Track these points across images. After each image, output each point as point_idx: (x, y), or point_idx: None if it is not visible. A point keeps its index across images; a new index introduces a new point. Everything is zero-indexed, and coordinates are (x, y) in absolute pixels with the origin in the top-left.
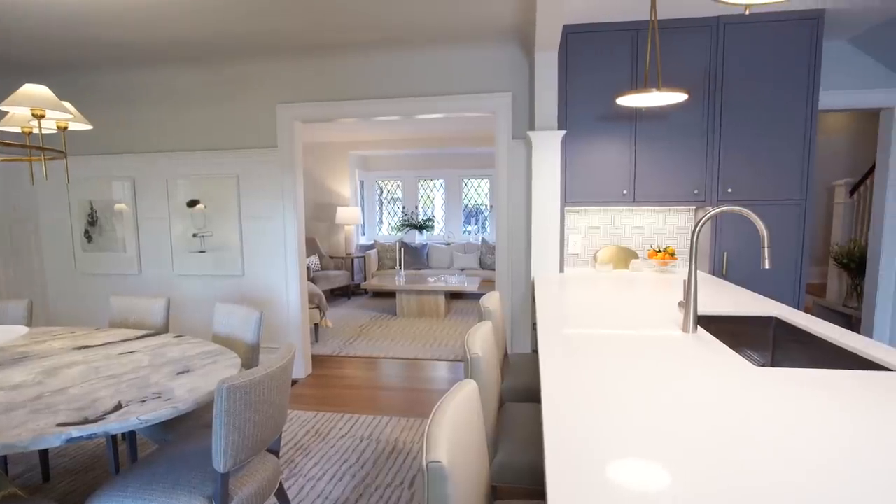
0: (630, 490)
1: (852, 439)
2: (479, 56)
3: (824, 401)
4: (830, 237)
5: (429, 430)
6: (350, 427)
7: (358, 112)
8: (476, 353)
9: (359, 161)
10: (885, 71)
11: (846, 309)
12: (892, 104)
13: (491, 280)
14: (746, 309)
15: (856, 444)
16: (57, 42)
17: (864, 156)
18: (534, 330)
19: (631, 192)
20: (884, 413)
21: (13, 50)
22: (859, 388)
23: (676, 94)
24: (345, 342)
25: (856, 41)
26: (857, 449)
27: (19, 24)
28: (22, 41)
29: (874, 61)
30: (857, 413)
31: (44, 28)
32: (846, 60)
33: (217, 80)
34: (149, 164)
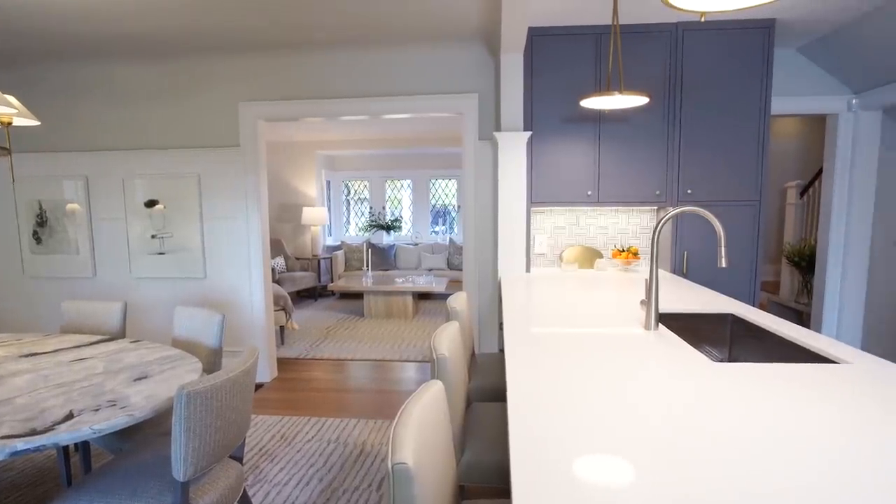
0: (594, 485)
1: (801, 428)
2: (445, 56)
3: (776, 393)
4: (783, 236)
5: (394, 432)
6: (317, 430)
7: (324, 111)
8: (442, 353)
9: (325, 161)
10: (830, 79)
11: (798, 305)
12: (837, 111)
13: (459, 280)
14: (705, 306)
15: (805, 433)
16: (0, 32)
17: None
18: (501, 330)
19: (595, 193)
20: (830, 403)
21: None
22: (808, 380)
23: (638, 98)
24: (311, 344)
25: (803, 50)
26: (806, 437)
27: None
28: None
29: (820, 70)
30: (806, 404)
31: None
32: (795, 68)
33: (177, 77)
34: (103, 162)
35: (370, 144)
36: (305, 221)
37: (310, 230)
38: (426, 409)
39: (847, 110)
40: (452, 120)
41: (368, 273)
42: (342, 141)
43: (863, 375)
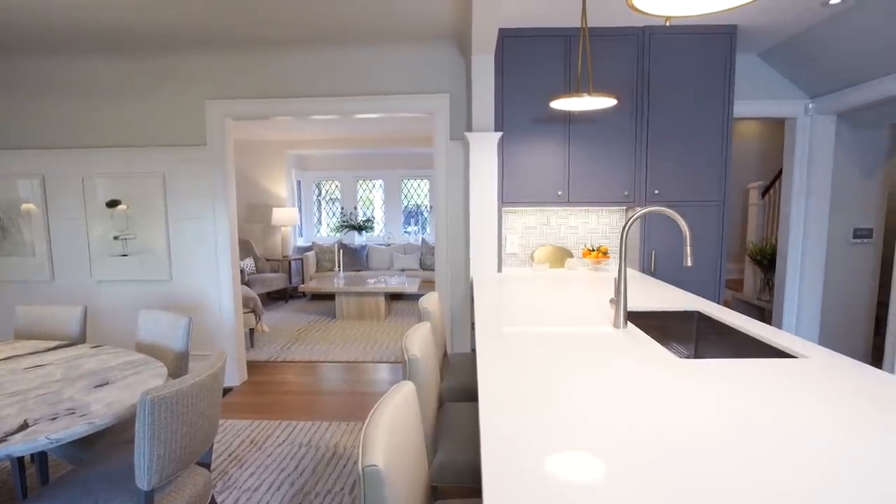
0: (565, 482)
1: (763, 421)
2: (417, 57)
3: (739, 389)
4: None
5: (365, 434)
6: (288, 434)
7: (293, 110)
8: (414, 354)
9: (296, 161)
10: (788, 84)
11: (760, 302)
12: (795, 114)
13: (431, 280)
14: (672, 304)
15: (766, 425)
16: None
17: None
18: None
19: (565, 193)
20: (788, 396)
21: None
22: (768, 374)
23: (606, 100)
24: (282, 347)
25: (764, 56)
26: (768, 429)
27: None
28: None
29: (780, 75)
30: (767, 397)
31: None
32: (757, 73)
33: (140, 73)
34: (62, 160)
35: (341, 144)
36: (276, 222)
37: (280, 231)
38: (397, 411)
39: (804, 114)
40: (424, 120)
41: (340, 274)
42: (313, 140)
43: (818, 369)
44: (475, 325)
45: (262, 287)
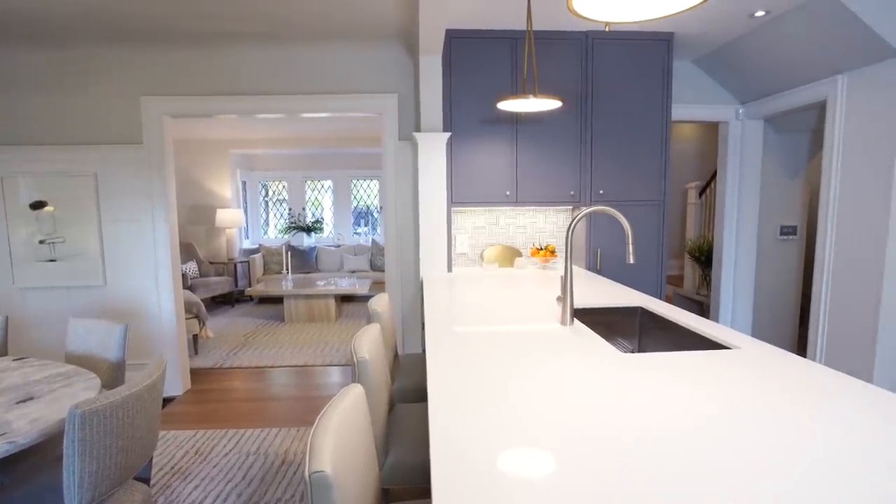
0: (514, 478)
1: (700, 409)
2: (365, 56)
3: (678, 379)
4: (685, 233)
5: (312, 440)
6: (235, 443)
7: (237, 109)
8: (363, 356)
9: (240, 160)
10: (721, 89)
11: (699, 296)
12: (727, 118)
13: (383, 281)
14: (617, 300)
15: (704, 413)
16: None
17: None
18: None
19: (514, 193)
20: (723, 385)
21: None
22: (705, 365)
23: (552, 101)
24: (228, 353)
25: (698, 62)
26: (705, 416)
27: None
28: None
29: (713, 80)
30: (704, 387)
31: None
32: (692, 78)
33: (68, 65)
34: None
35: (289, 144)
36: (220, 224)
37: (225, 233)
38: (346, 414)
39: (735, 119)
40: (373, 120)
41: (289, 276)
42: (259, 140)
43: (750, 359)
44: (425, 325)
45: (207, 291)
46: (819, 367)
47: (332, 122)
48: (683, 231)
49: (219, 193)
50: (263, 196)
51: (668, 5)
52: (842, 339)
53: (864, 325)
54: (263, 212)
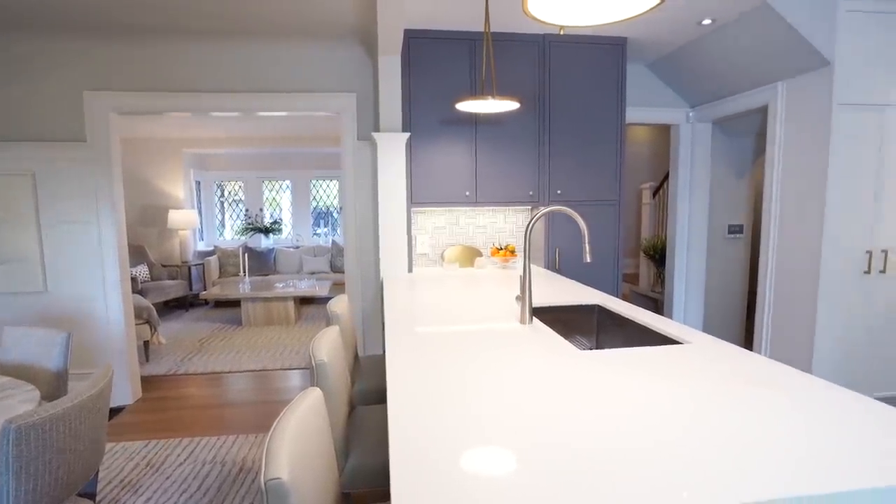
0: (473, 477)
1: (654, 401)
2: (323, 55)
3: (633, 374)
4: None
5: (268, 446)
6: (190, 452)
7: (190, 106)
8: (321, 359)
9: (194, 160)
10: (672, 93)
11: (654, 294)
12: (678, 121)
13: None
14: (575, 299)
15: (657, 405)
16: None
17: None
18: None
19: (473, 194)
20: (675, 379)
21: None
22: (658, 360)
23: (509, 103)
24: (182, 359)
25: (651, 67)
26: (658, 408)
27: None
28: None
29: (665, 84)
30: (656, 381)
31: None
32: (645, 82)
33: (2, 56)
34: None
35: (245, 143)
36: (172, 225)
37: (178, 235)
38: (304, 419)
39: (686, 122)
40: (332, 119)
41: (246, 279)
42: (213, 139)
43: (700, 353)
44: (385, 325)
45: (159, 295)
46: (763, 359)
47: (291, 121)
48: (639, 230)
49: (171, 194)
50: (219, 196)
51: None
52: (784, 332)
53: (803, 319)
54: (219, 213)
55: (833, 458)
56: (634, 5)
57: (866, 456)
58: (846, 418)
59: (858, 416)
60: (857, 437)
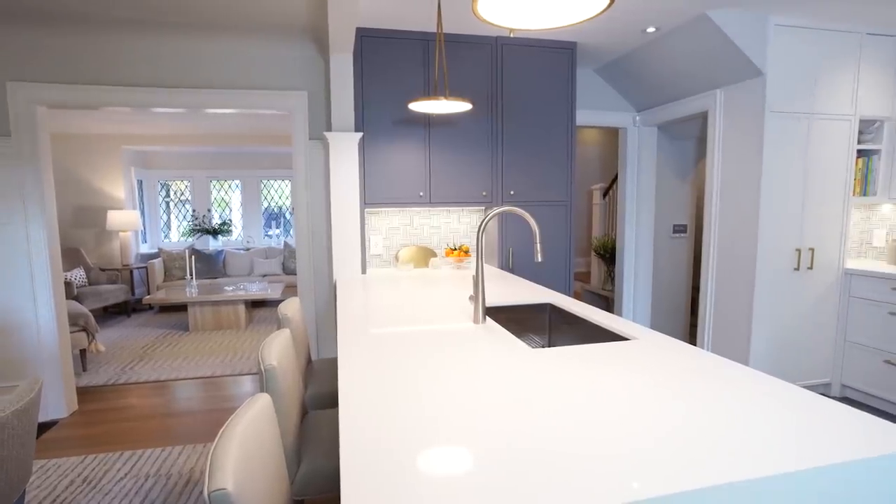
0: (427, 479)
1: (603, 395)
2: (274, 51)
3: (583, 370)
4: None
5: (212, 456)
6: (132, 466)
7: (131, 101)
8: (271, 363)
9: (135, 158)
10: (620, 97)
11: (605, 291)
12: (626, 125)
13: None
14: (527, 298)
15: (606, 398)
16: None
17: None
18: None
19: (427, 194)
20: (622, 374)
21: None
22: (606, 356)
23: (462, 104)
24: (124, 367)
25: (599, 71)
26: (608, 401)
27: None
28: None
29: (613, 89)
30: (604, 376)
31: None
32: (594, 86)
33: None
34: None
35: (192, 141)
36: (112, 227)
37: (118, 237)
38: (251, 426)
39: (633, 125)
40: (283, 118)
41: (193, 282)
42: (156, 136)
43: (647, 348)
44: (337, 327)
45: (98, 301)
46: (704, 353)
47: (240, 119)
48: (590, 230)
49: (110, 193)
50: (164, 196)
51: (565, 16)
52: (725, 326)
53: (741, 314)
54: (164, 213)
55: (762, 444)
56: (580, 11)
57: (790, 441)
58: (774, 406)
59: (785, 403)
60: (782, 424)
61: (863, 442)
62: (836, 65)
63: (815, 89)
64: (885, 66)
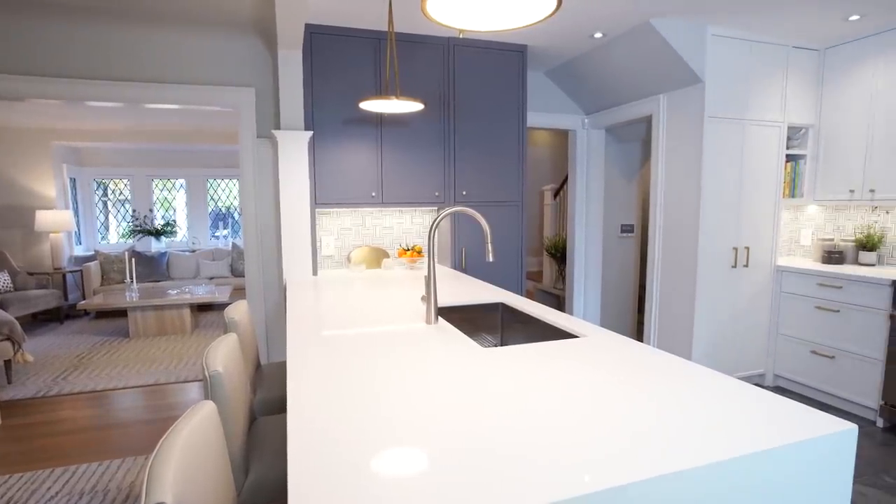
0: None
1: (553, 391)
2: (219, 45)
3: (534, 368)
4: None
5: (150, 468)
6: (64, 483)
7: (62, 93)
8: (216, 369)
9: (67, 154)
10: (569, 100)
11: (556, 290)
12: (575, 127)
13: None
14: (480, 298)
15: (554, 395)
16: None
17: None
18: None
19: (379, 194)
20: (571, 370)
21: None
22: (556, 353)
23: (413, 104)
24: (55, 378)
25: (549, 74)
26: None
27: None
28: None
29: (562, 92)
30: (554, 373)
31: None
32: (545, 88)
33: None
34: None
35: (131, 137)
36: (41, 227)
37: (48, 238)
38: (194, 435)
39: (582, 128)
40: (230, 115)
41: (133, 286)
42: (91, 131)
43: (595, 345)
44: (287, 330)
45: (25, 307)
46: (649, 349)
47: (184, 116)
48: (541, 229)
49: (39, 192)
50: (100, 196)
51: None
52: (669, 322)
53: (684, 310)
54: (101, 213)
55: (702, 434)
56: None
57: (726, 430)
58: (713, 398)
59: (723, 395)
60: (720, 414)
61: (791, 428)
62: (766, 75)
63: (749, 97)
64: (809, 78)
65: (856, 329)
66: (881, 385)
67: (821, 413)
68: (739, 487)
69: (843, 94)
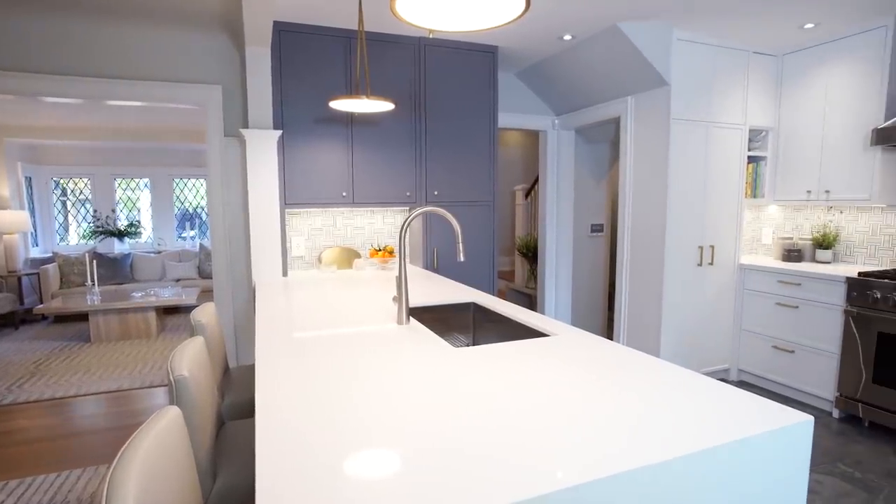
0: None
1: (522, 390)
2: (184, 41)
3: (504, 368)
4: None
5: (111, 478)
6: (18, 497)
7: (16, 88)
8: (181, 374)
9: (23, 152)
10: (540, 101)
11: (528, 289)
12: (546, 128)
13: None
14: (451, 298)
15: (525, 393)
16: None
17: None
18: None
19: (350, 194)
20: (541, 368)
21: None
22: (527, 352)
23: (384, 103)
24: (10, 386)
25: (520, 75)
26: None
27: None
28: None
29: (533, 93)
30: (525, 372)
31: None
32: (515, 89)
33: None
34: None
35: (92, 135)
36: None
37: (2, 240)
38: (158, 442)
39: (552, 129)
40: (197, 113)
41: (95, 289)
42: (49, 128)
43: (566, 344)
44: (256, 332)
45: None
46: (618, 347)
47: (148, 113)
48: (513, 229)
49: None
50: (59, 195)
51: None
52: (638, 320)
53: (652, 308)
54: (60, 214)
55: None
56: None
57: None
58: (680, 394)
59: (689, 390)
60: (687, 409)
61: (751, 421)
62: (729, 78)
63: (712, 100)
64: (769, 83)
65: (814, 324)
66: (837, 377)
67: (779, 406)
68: (703, 479)
69: (800, 99)
